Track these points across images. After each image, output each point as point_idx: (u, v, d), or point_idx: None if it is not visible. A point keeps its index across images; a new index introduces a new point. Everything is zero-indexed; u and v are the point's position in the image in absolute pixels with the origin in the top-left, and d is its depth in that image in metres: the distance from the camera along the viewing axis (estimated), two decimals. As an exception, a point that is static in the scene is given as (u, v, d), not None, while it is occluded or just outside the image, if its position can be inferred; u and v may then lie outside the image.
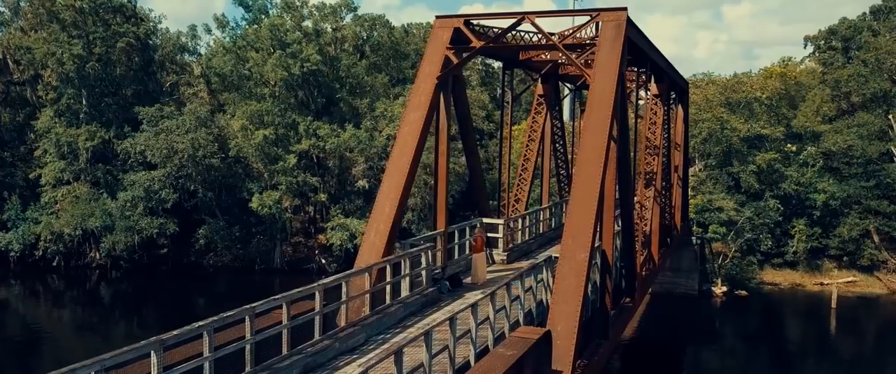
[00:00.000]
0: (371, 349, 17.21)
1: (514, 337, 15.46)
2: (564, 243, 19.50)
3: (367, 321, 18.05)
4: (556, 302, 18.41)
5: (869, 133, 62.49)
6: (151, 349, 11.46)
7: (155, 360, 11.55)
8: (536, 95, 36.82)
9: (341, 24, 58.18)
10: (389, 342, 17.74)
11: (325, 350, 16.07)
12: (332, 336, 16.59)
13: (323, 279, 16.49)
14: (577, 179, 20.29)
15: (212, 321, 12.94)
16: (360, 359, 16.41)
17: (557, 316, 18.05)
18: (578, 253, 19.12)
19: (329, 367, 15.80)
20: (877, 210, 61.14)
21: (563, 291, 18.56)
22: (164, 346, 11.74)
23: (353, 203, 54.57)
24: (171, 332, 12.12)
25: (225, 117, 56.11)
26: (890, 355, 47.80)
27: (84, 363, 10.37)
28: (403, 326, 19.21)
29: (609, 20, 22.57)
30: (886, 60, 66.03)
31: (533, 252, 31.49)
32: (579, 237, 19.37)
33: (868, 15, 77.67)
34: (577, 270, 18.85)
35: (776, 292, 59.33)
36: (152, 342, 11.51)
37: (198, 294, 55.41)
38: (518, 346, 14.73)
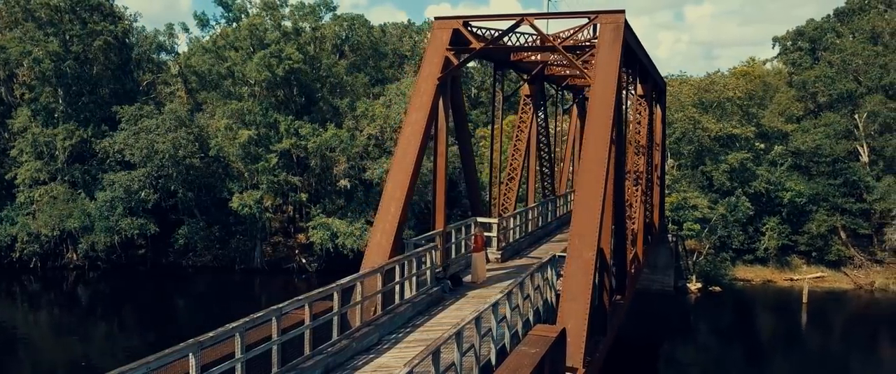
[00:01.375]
0: (385, 348, 17.25)
1: (533, 335, 15.59)
2: (571, 242, 19.67)
3: (380, 321, 18.08)
4: (566, 300, 18.57)
5: (835, 133, 63.81)
6: (190, 351, 11.42)
7: (193, 362, 11.51)
8: (523, 96, 37.04)
9: (320, 23, 57.88)
10: (403, 341, 17.82)
11: (344, 350, 16.08)
12: (349, 336, 16.59)
13: (340, 280, 16.46)
14: (582, 179, 20.47)
15: (243, 322, 12.89)
16: (377, 359, 16.46)
17: (567, 314, 18.23)
18: (586, 252, 19.31)
19: (349, 367, 15.81)
20: (843, 208, 62.48)
21: (572, 289, 18.73)
22: (202, 348, 11.69)
23: (334, 203, 54.37)
24: (208, 334, 12.07)
25: (204, 117, 55.55)
26: (857, 348, 48.95)
27: (131, 366, 10.33)
28: (412, 325, 19.28)
29: (607, 22, 22.78)
30: (852, 62, 67.53)
31: (524, 251, 31.72)
32: (586, 236, 19.56)
33: (832, 17, 79.34)
34: (584, 268, 19.04)
35: (748, 288, 60.37)
36: (191, 345, 11.47)
37: (178, 295, 54.85)
38: (539, 344, 14.87)
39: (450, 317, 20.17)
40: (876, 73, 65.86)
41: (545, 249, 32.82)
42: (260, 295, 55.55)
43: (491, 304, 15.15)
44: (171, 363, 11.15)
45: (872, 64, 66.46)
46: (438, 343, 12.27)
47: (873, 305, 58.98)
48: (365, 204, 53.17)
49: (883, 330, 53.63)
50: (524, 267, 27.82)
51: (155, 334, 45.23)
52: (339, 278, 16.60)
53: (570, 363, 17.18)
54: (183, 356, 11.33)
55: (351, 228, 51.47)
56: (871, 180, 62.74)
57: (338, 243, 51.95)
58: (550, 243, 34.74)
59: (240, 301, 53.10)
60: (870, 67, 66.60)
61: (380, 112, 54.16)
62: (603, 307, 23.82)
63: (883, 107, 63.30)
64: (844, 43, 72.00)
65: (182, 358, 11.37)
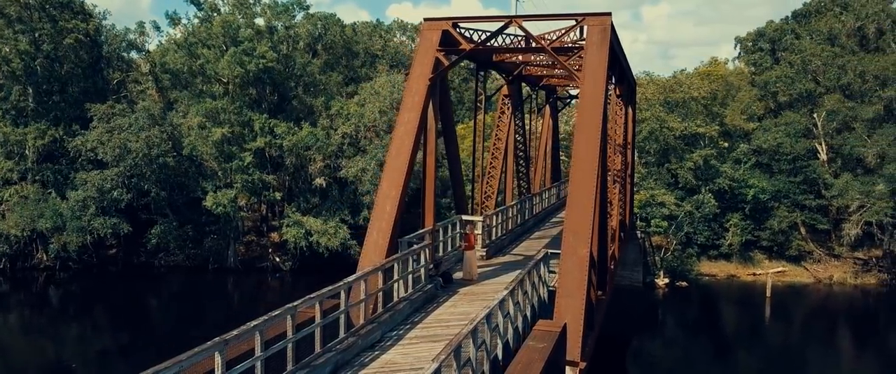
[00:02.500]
0: (389, 345, 17.37)
1: (538, 331, 15.87)
2: (565, 239, 19.99)
3: (382, 319, 18.20)
4: (562, 296, 18.90)
5: (795, 131, 65.22)
6: (217, 349, 11.47)
7: (219, 360, 11.56)
8: (502, 96, 37.33)
9: (293, 21, 57.59)
10: (405, 338, 17.95)
11: (351, 347, 16.18)
12: (355, 334, 16.69)
13: (347, 278, 16.55)
14: (574, 177, 20.80)
15: (263, 320, 12.94)
16: (382, 355, 16.58)
17: (565, 309, 18.54)
18: (580, 249, 19.66)
19: (356, 364, 15.92)
20: (803, 204, 63.91)
21: (568, 285, 19.07)
22: (227, 345, 11.75)
23: (308, 201, 54.16)
24: (232, 332, 12.12)
25: (177, 116, 54.90)
26: (817, 341, 50.29)
27: (165, 364, 10.38)
28: (411, 322, 19.41)
29: (594, 24, 23.15)
30: (810, 62, 69.05)
31: (506, 248, 32.03)
32: (579, 234, 19.90)
33: (791, 19, 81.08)
34: (579, 265, 19.39)
35: (713, 283, 61.55)
36: (217, 343, 11.54)
37: (150, 295, 54.19)
38: (546, 339, 15.15)
39: (446, 314, 20.36)
40: (834, 73, 67.45)
41: (526, 246, 33.20)
42: (234, 294, 55.17)
43: (498, 301, 15.35)
44: (201, 361, 11.19)
45: (830, 64, 68.04)
46: (459, 339, 12.45)
47: (831, 298, 60.51)
48: (339, 202, 53.07)
49: (841, 323, 55.12)
50: (509, 264, 28.19)
51: (128, 334, 44.72)
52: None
53: (570, 356, 17.51)
54: (210, 353, 11.37)
55: (325, 226, 51.32)
56: (830, 177, 64.26)
57: (312, 241, 51.74)
58: (530, 240, 35.11)
59: (214, 301, 52.69)
60: (828, 68, 68.17)
61: (354, 111, 54.05)
62: (590, 303, 24.23)
63: (841, 106, 64.85)
64: (803, 44, 73.58)
65: (209, 356, 11.42)
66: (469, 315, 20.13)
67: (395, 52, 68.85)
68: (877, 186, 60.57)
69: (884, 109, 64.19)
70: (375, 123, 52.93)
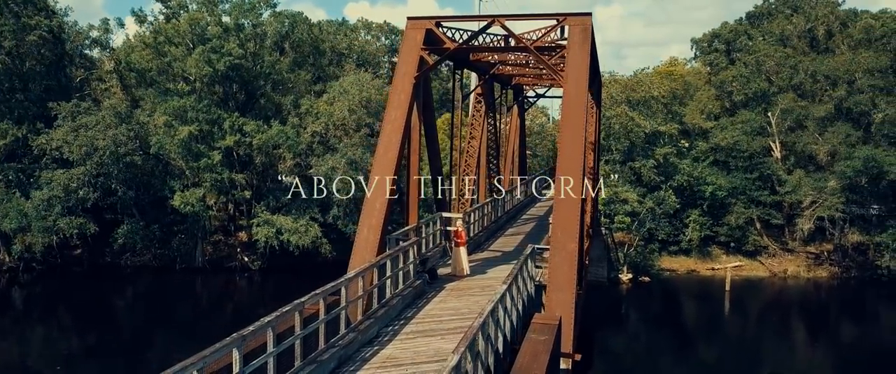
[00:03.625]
0: (386, 340, 17.40)
1: (537, 324, 16.06)
2: (554, 234, 20.25)
3: (378, 315, 18.24)
4: (553, 290, 19.13)
5: (751, 130, 66.65)
6: (235, 345, 11.42)
7: (237, 356, 11.53)
8: (475, 94, 37.50)
9: (260, 19, 56.98)
10: (401, 334, 18.00)
11: (352, 343, 16.21)
12: (355, 329, 16.71)
13: (348, 274, 16.58)
14: (561, 173, 21.03)
15: (275, 316, 12.92)
16: (382, 350, 16.62)
17: (556, 303, 18.78)
18: (569, 244, 19.90)
19: (358, 359, 15.94)
20: (758, 200, 65.37)
21: (558, 280, 19.30)
22: (245, 341, 11.72)
23: (278, 200, 53.66)
24: (248, 327, 12.10)
25: (143, 114, 53.93)
26: (773, 332, 51.59)
27: (190, 360, 10.32)
28: (404, 318, 19.46)
29: (576, 24, 23.46)
30: (765, 63, 70.62)
31: (484, 244, 32.21)
32: (568, 229, 20.16)
33: (744, 20, 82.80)
34: (569, 259, 19.63)
35: (674, 278, 62.62)
36: (235, 339, 11.51)
37: (117, 296, 53.18)
38: (545, 331, 15.35)
39: (436, 310, 20.45)
40: (787, 73, 69.07)
41: (503, 242, 33.43)
42: (202, 295, 54.43)
43: (499, 295, 15.50)
44: (222, 357, 11.14)
45: (783, 65, 69.67)
46: (473, 333, 12.57)
47: (786, 292, 62.03)
48: (309, 201, 52.70)
49: (795, 316, 56.60)
50: (490, 260, 28.39)
51: (95, 336, 43.92)
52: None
53: (564, 349, 17.75)
54: (229, 350, 11.32)
55: (296, 225, 50.92)
56: (783, 174, 65.81)
57: (283, 239, 51.30)
58: (505, 236, 35.35)
59: (182, 301, 51.95)
60: (781, 68, 69.79)
61: (324, 109, 53.70)
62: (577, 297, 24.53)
63: (794, 105, 66.44)
64: (756, 45, 75.23)
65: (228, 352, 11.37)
66: (459, 311, 20.33)
67: (361, 51, 68.60)
68: (828, 182, 62.25)
69: (834, 109, 65.91)
70: (345, 121, 52.66)
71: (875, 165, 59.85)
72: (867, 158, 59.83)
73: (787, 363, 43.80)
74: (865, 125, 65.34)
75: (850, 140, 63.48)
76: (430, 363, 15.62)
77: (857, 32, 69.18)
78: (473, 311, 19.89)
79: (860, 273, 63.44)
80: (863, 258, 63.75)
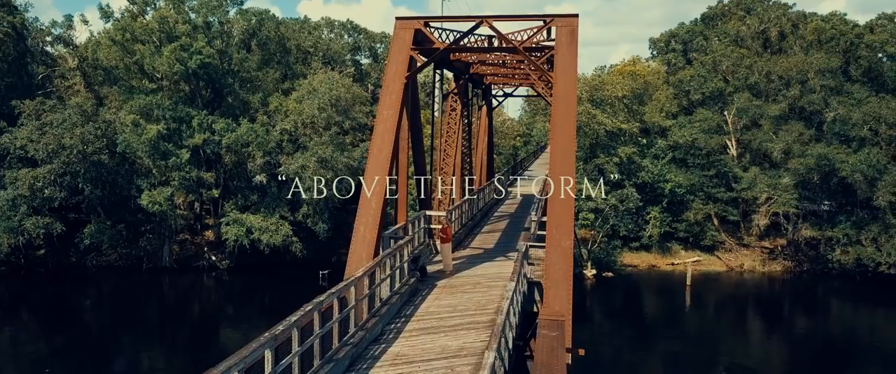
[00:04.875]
0: (391, 338, 17.41)
1: (545, 320, 16.27)
2: (549, 232, 20.45)
3: (381, 312, 18.25)
4: (550, 287, 19.34)
5: (709, 128, 68.07)
6: (268, 346, 11.40)
7: (269, 356, 11.50)
8: (451, 93, 37.61)
9: (227, 17, 56.23)
10: (405, 331, 17.99)
11: (361, 341, 16.20)
12: (362, 327, 16.71)
13: (355, 273, 16.55)
14: (555, 171, 21.27)
15: (300, 316, 12.86)
16: (389, 348, 16.61)
17: (553, 299, 18.99)
18: (563, 241, 20.14)
19: (369, 357, 15.94)
20: (716, 197, 66.85)
21: (554, 276, 19.51)
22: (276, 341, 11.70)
23: (247, 199, 53.06)
24: (278, 327, 12.04)
25: (109, 112, 52.79)
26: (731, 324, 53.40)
27: (233, 359, 10.27)
28: (405, 315, 19.46)
29: (563, 25, 23.73)
30: (721, 63, 72.16)
31: (464, 242, 32.24)
32: (562, 226, 20.39)
33: (700, 21, 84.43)
34: (564, 256, 19.86)
35: (636, 273, 63.70)
36: (268, 339, 11.46)
37: (83, 296, 52.13)
38: (554, 327, 15.58)
39: (434, 307, 20.49)
40: (742, 73, 70.69)
41: (482, 239, 33.51)
42: (170, 295, 53.61)
43: (511, 292, 15.66)
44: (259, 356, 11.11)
45: (739, 65, 71.30)
46: (500, 328, 12.70)
47: (742, 285, 63.61)
48: (279, 199, 52.24)
49: (751, 308, 58.25)
50: (474, 258, 28.51)
51: (63, 337, 43.07)
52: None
53: (568, 344, 17.99)
54: (263, 350, 11.29)
55: (266, 223, 50.44)
56: (739, 172, 67.39)
57: (254, 238, 50.77)
58: (482, 234, 35.43)
59: (149, 301, 51.14)
60: (737, 68, 71.42)
61: (293, 108, 53.25)
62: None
63: (749, 104, 68.03)
64: (712, 45, 76.84)
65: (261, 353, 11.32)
66: (456, 308, 20.44)
67: (327, 49, 68.17)
68: (783, 179, 63.95)
69: (788, 108, 67.68)
70: (314, 120, 52.29)
71: (827, 163, 61.67)
72: (820, 155, 61.61)
73: (745, 355, 45.07)
74: (817, 124, 67.24)
75: (803, 138, 65.27)
76: (439, 360, 15.69)
77: (809, 34, 71.12)
78: (469, 308, 20.07)
79: (812, 267, 65.30)
80: (814, 253, 65.62)
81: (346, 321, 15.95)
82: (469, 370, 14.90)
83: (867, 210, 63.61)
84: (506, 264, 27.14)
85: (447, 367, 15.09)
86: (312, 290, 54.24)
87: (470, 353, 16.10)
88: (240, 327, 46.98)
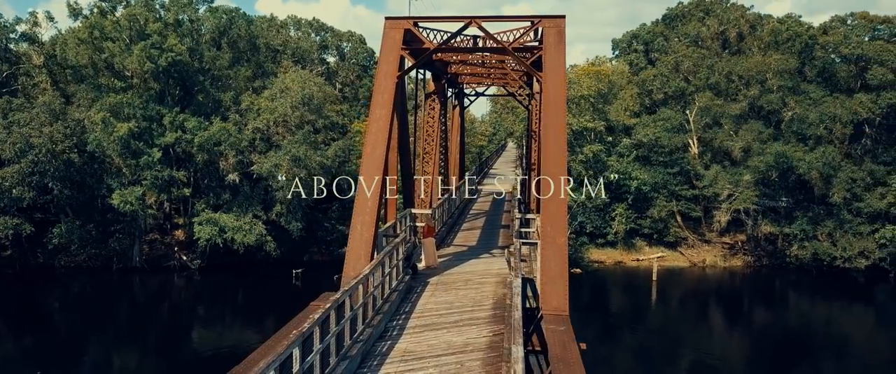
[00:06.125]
0: (396, 334, 17.51)
1: (550, 315, 16.50)
2: (543, 229, 20.70)
3: (383, 310, 18.34)
4: (546, 283, 19.55)
5: (671, 127, 69.20)
6: (297, 344, 11.44)
7: (297, 354, 11.54)
8: (426, 92, 37.72)
9: (197, 15, 55.43)
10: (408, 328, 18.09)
11: (369, 338, 16.28)
12: (369, 325, 16.79)
13: (363, 270, 16.62)
14: (547, 170, 21.50)
15: (321, 314, 12.89)
16: (395, 344, 16.71)
17: (549, 295, 19.23)
18: (558, 237, 20.38)
19: (377, 354, 16.00)
20: (679, 194, 68.01)
21: (550, 272, 19.73)
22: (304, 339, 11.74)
23: (219, 198, 52.45)
24: (304, 325, 12.09)
25: (78, 111, 51.70)
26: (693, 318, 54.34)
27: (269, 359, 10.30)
28: (404, 312, 19.56)
29: (550, 27, 24.00)
30: (683, 63, 73.36)
31: (447, 239, 32.47)
32: (556, 223, 20.63)
33: (661, 22, 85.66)
34: (559, 253, 20.09)
35: (603, 269, 64.50)
36: (297, 337, 11.50)
37: (53, 298, 50.95)
38: (561, 322, 15.83)
39: (431, 304, 20.64)
40: (703, 73, 71.97)
41: (463, 237, 33.76)
42: (140, 295, 52.77)
43: (518, 288, 15.86)
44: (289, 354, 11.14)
45: (700, 65, 72.58)
46: (519, 322, 12.87)
47: (705, 280, 64.87)
48: (251, 198, 51.75)
49: (713, 302, 59.42)
50: (460, 254, 28.74)
51: (31, 339, 42.21)
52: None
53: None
54: (292, 349, 11.32)
55: (240, 222, 49.94)
56: (701, 169, 68.68)
57: (227, 237, 50.22)
58: (462, 231, 35.68)
59: (120, 302, 50.30)
60: (698, 68, 72.68)
61: (266, 106, 52.79)
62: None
63: (711, 103, 69.32)
64: (673, 46, 78.08)
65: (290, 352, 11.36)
66: (453, 304, 20.61)
67: (296, 48, 67.67)
68: (743, 176, 65.31)
69: (748, 107, 69.12)
70: (287, 118, 51.92)
71: (785, 161, 63.18)
72: (778, 154, 63.10)
73: (708, 347, 46.12)
74: (776, 123, 68.79)
75: (762, 137, 66.72)
76: (448, 356, 15.83)
77: (766, 35, 72.65)
78: (466, 305, 20.29)
79: (771, 262, 66.86)
80: (773, 248, 67.18)
81: (355, 319, 16.01)
82: (479, 365, 15.11)
83: (823, 206, 65.33)
84: (491, 261, 27.45)
85: (457, 363, 15.24)
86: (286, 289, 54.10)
87: (475, 348, 16.28)
88: (212, 327, 46.51)
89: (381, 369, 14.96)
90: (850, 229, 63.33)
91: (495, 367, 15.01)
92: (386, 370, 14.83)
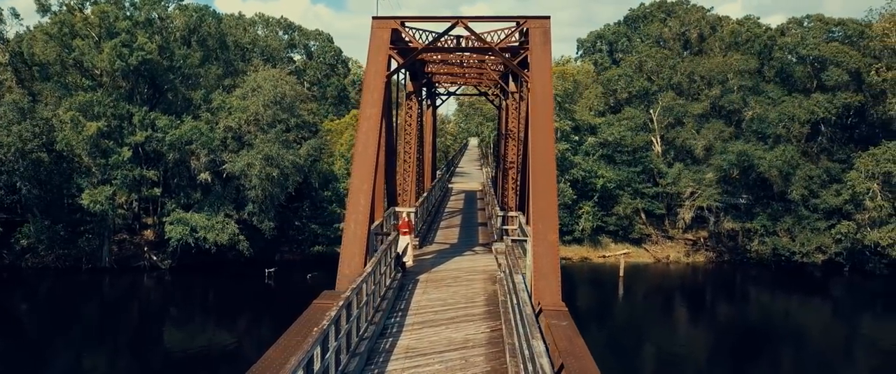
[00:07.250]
0: (396, 331, 17.57)
1: (550, 311, 16.66)
2: (535, 226, 20.88)
3: (382, 307, 18.41)
4: (539, 278, 19.74)
5: (635, 126, 70.15)
6: (318, 345, 11.45)
7: (318, 352, 11.55)
8: (406, 92, 37.73)
9: (167, 12, 54.60)
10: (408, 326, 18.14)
11: (372, 336, 16.33)
12: (371, 322, 16.84)
13: (367, 269, 16.64)
14: (536, 168, 21.69)
15: (337, 311, 12.92)
16: (397, 342, 16.77)
17: (543, 291, 19.43)
18: (549, 234, 20.58)
19: (382, 351, 16.04)
20: (643, 192, 69.00)
21: (542, 268, 19.92)
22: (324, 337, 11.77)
23: (190, 197, 51.75)
24: (322, 323, 12.09)
25: (46, 109, 50.55)
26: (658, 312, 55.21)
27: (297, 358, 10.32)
28: (401, 310, 19.62)
29: (536, 27, 24.20)
30: (646, 63, 74.39)
31: (428, 237, 32.61)
32: (547, 220, 20.83)
33: (623, 23, 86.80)
34: (550, 249, 20.30)
35: (570, 266, 65.05)
36: (317, 337, 11.50)
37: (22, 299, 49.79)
38: (562, 317, 15.99)
39: (425, 301, 20.73)
40: (667, 73, 73.08)
41: (444, 234, 33.95)
42: (110, 296, 51.80)
43: (519, 284, 16.03)
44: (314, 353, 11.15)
45: (663, 65, 73.67)
46: (533, 318, 13.02)
47: (669, 276, 65.96)
48: (223, 197, 51.17)
49: (677, 297, 60.47)
50: (445, 252, 28.94)
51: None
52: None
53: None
54: (317, 348, 11.33)
55: (211, 222, 49.34)
56: (664, 167, 69.75)
57: (198, 237, 49.58)
58: (441, 229, 35.84)
59: (90, 303, 49.36)
60: (661, 68, 73.77)
61: (237, 105, 52.23)
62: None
63: (673, 103, 70.43)
64: (636, 46, 79.16)
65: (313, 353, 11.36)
66: (447, 301, 20.77)
67: (265, 46, 67.06)
68: (705, 174, 66.51)
69: (710, 106, 70.35)
70: (259, 117, 51.44)
71: (746, 159, 64.49)
72: (739, 152, 64.37)
73: (672, 340, 47.02)
74: (737, 122, 70.14)
75: (723, 136, 67.99)
76: (451, 352, 15.96)
77: (727, 36, 74.02)
78: (459, 302, 20.50)
79: (732, 257, 68.19)
80: (734, 244, 68.52)
81: (360, 317, 16.04)
82: (483, 360, 15.27)
83: (782, 203, 66.80)
84: (475, 258, 27.69)
85: (462, 358, 15.38)
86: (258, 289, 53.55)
87: (476, 344, 16.45)
88: (183, 327, 45.93)
89: (388, 365, 15.02)
90: (807, 225, 64.84)
91: (499, 362, 15.21)
92: (393, 367, 14.90)
